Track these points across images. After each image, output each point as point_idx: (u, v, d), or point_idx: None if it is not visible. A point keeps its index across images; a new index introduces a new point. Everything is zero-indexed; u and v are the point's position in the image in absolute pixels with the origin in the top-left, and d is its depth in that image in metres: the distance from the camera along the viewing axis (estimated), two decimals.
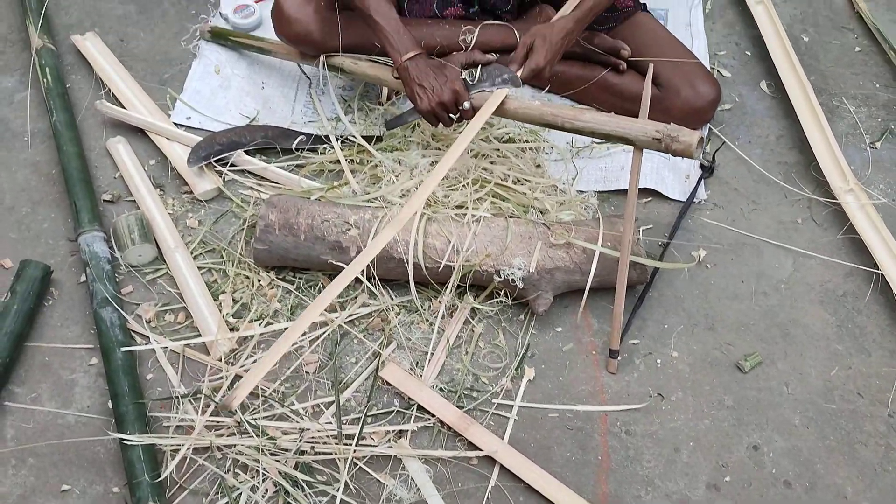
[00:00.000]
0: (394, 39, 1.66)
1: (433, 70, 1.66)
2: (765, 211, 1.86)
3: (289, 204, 1.66)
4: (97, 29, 2.13)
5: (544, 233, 1.63)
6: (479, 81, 1.68)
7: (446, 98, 1.64)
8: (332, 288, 1.38)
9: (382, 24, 1.66)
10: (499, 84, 1.66)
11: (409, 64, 1.65)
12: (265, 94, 2.03)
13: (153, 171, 1.87)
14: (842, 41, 2.19)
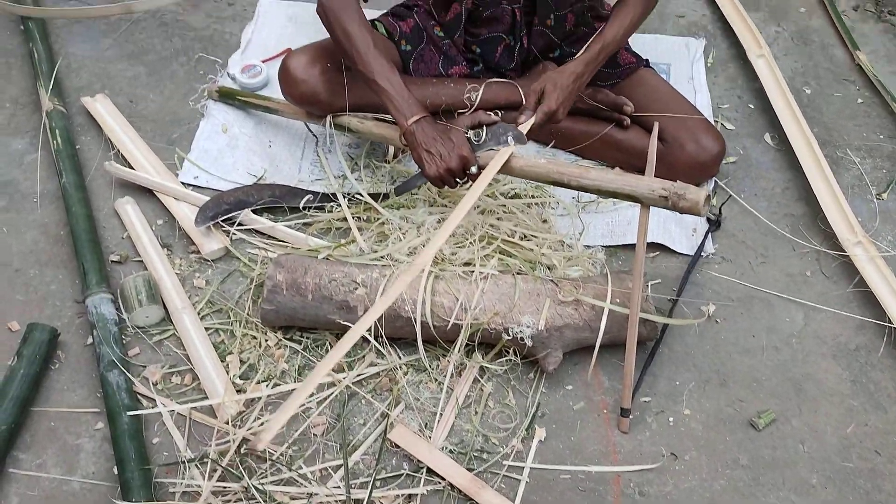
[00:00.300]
0: (398, 103, 1.67)
1: (439, 135, 1.67)
2: (773, 264, 1.85)
3: (296, 264, 1.66)
4: (107, 91, 2.16)
5: (552, 290, 1.62)
6: (484, 141, 1.69)
7: (454, 165, 1.65)
8: (344, 341, 1.37)
9: (386, 89, 1.67)
10: (504, 143, 1.67)
11: (414, 128, 1.66)
12: (272, 152, 2.05)
13: (161, 231, 1.87)
14: (844, 93, 2.21)
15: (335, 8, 1.71)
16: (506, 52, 2.00)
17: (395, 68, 1.71)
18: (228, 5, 2.44)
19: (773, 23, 2.39)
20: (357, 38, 1.68)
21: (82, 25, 2.35)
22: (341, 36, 1.70)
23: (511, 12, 1.97)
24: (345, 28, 1.69)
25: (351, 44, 1.69)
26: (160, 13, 2.40)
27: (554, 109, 1.74)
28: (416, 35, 2.01)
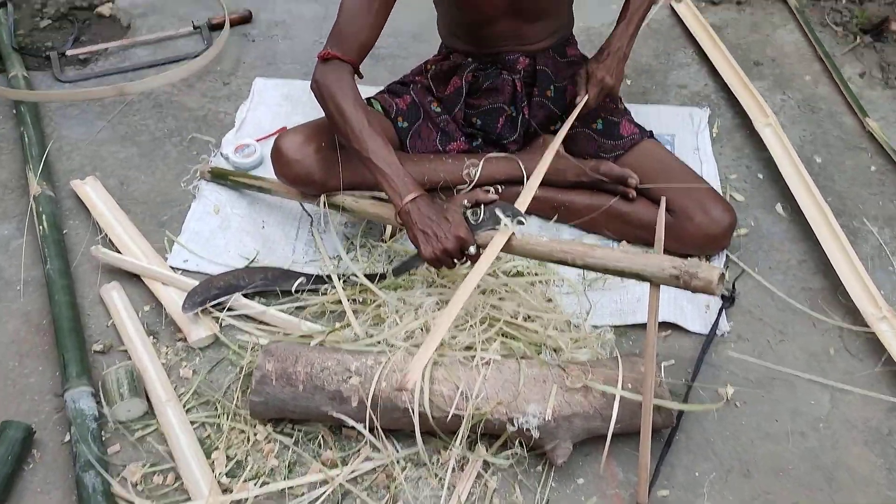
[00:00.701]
0: (394, 182, 1.61)
1: (435, 215, 1.60)
2: (793, 342, 1.74)
3: (287, 352, 1.57)
4: (98, 173, 2.11)
5: (559, 375, 1.52)
6: (482, 221, 1.61)
7: (451, 246, 1.57)
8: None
9: (381, 167, 1.61)
10: (505, 221, 1.59)
11: (410, 207, 1.59)
12: (265, 233, 1.98)
13: (147, 318, 1.79)
14: (856, 161, 2.14)
15: (329, 84, 1.66)
16: (508, 123, 1.95)
17: (391, 146, 1.65)
18: (224, 84, 2.42)
19: (778, 91, 2.34)
20: (351, 116, 1.63)
21: (76, 108, 2.33)
22: (335, 113, 1.65)
23: (511, 83, 1.93)
24: (339, 105, 1.64)
25: (345, 122, 1.63)
26: (154, 94, 2.37)
27: (602, 78, 1.85)
28: (412, 111, 1.96)
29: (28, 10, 2.75)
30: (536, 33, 1.91)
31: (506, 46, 1.91)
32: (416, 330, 1.63)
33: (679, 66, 2.44)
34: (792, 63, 2.44)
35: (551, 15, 1.90)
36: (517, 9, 1.82)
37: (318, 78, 1.68)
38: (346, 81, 1.66)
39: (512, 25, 1.87)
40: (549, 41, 1.95)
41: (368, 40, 1.70)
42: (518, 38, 1.90)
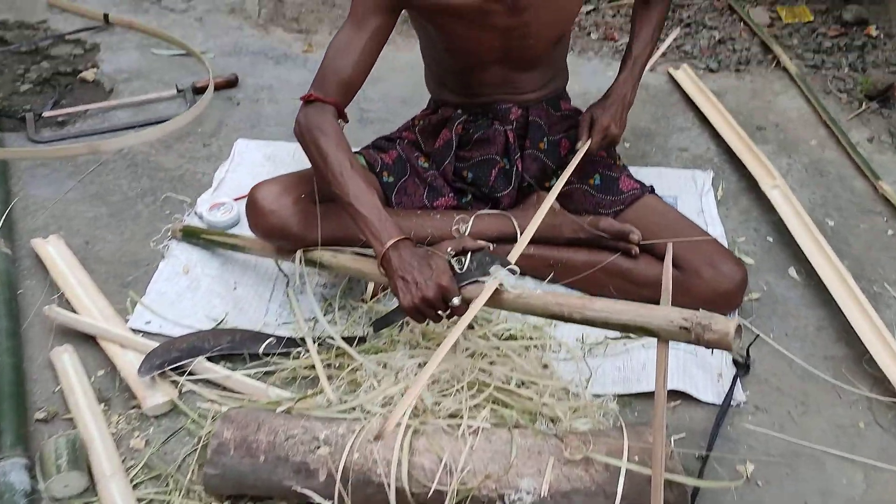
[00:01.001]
0: (374, 227, 1.47)
1: (418, 261, 1.45)
2: (818, 414, 1.57)
3: (248, 418, 1.39)
4: (62, 232, 1.98)
5: (557, 446, 1.33)
6: (468, 270, 1.46)
7: (431, 294, 1.42)
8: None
9: (363, 212, 1.48)
10: (491, 272, 1.44)
11: (391, 253, 1.44)
12: (237, 294, 1.82)
13: (100, 384, 1.62)
14: (871, 225, 2.01)
15: (311, 126, 1.55)
16: (501, 176, 1.83)
17: (374, 192, 1.52)
18: (204, 146, 2.31)
19: (783, 155, 2.23)
20: (332, 157, 1.51)
21: (47, 168, 2.21)
22: (316, 155, 1.53)
23: (503, 133, 1.82)
24: (320, 147, 1.52)
25: (326, 164, 1.51)
26: (130, 154, 2.26)
27: (608, 125, 1.77)
28: (399, 166, 1.84)
29: (9, 76, 2.68)
30: (529, 83, 1.82)
31: (497, 96, 1.82)
32: (396, 395, 1.45)
33: (679, 130, 2.35)
34: (796, 128, 2.35)
35: (544, 64, 1.81)
36: (510, 55, 1.73)
37: (301, 120, 1.57)
38: (328, 123, 1.55)
39: (504, 73, 1.78)
40: (542, 92, 1.86)
41: (353, 81, 1.59)
42: (510, 87, 1.81)
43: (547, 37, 1.71)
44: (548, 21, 1.67)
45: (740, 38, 2.77)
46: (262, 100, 2.53)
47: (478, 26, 1.65)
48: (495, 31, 1.66)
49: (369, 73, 1.63)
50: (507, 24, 1.64)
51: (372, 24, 1.59)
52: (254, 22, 2.99)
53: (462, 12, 1.62)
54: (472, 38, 1.68)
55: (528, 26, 1.66)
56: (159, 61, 2.75)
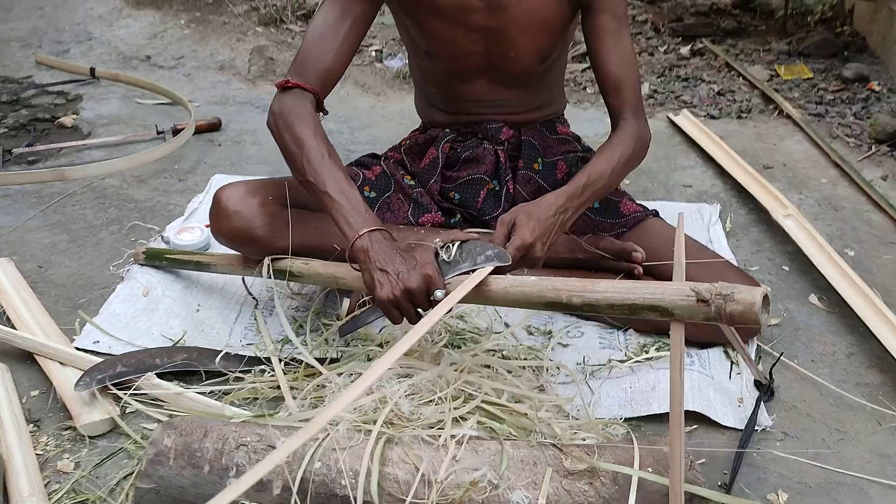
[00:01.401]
0: (351, 216, 1.29)
1: (400, 251, 1.28)
2: (857, 441, 1.36)
3: (194, 425, 1.19)
4: (15, 257, 1.81)
5: (555, 457, 1.13)
6: (455, 261, 1.29)
7: (414, 284, 1.23)
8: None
9: (338, 200, 1.31)
10: (481, 262, 1.27)
11: (368, 242, 1.27)
12: (199, 316, 1.64)
13: (32, 404, 1.42)
14: (895, 256, 1.85)
15: (286, 114, 1.40)
16: (490, 198, 1.68)
17: (353, 183, 1.36)
18: (179, 181, 2.18)
19: (793, 191, 2.10)
20: (309, 144, 1.36)
21: (8, 199, 2.08)
22: (290, 142, 1.38)
23: (494, 153, 1.69)
24: (296, 134, 1.37)
25: (302, 150, 1.35)
26: (100, 187, 2.13)
27: (528, 242, 1.32)
28: (382, 182, 1.70)
29: None
30: (519, 102, 1.69)
31: (486, 114, 1.69)
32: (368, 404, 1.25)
33: (682, 168, 2.23)
34: (805, 168, 2.23)
35: (533, 85, 1.69)
36: (493, 65, 1.61)
37: (275, 107, 1.43)
38: (306, 110, 1.41)
39: (490, 88, 1.66)
40: (535, 114, 1.73)
41: (334, 68, 1.47)
42: (499, 105, 1.68)
43: (529, 49, 1.59)
44: (527, 28, 1.56)
45: (740, 91, 2.71)
46: (245, 142, 2.43)
47: (457, 25, 1.54)
48: (475, 32, 1.56)
49: (350, 62, 1.51)
50: (486, 23, 1.54)
51: (355, 9, 1.48)
52: (242, 77, 2.94)
53: (440, 5, 1.52)
54: (452, 40, 1.57)
55: (507, 30, 1.55)
56: (142, 109, 2.67)
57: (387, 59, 3.06)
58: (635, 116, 1.53)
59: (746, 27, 3.29)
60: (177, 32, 3.33)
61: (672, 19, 3.37)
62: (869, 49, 2.97)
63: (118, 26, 3.41)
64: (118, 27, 3.40)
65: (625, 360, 1.51)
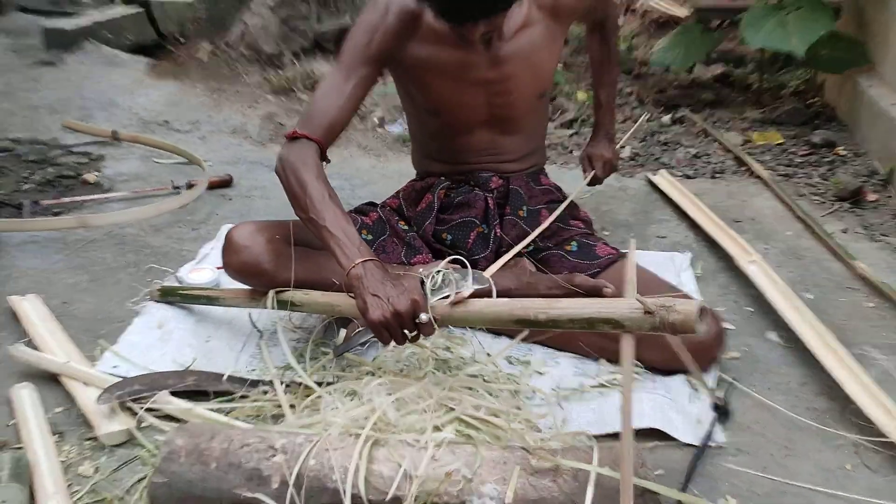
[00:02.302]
0: (347, 247, 1.47)
1: (390, 280, 1.45)
2: (803, 457, 1.49)
3: (203, 428, 1.34)
4: (42, 294, 1.98)
5: (524, 457, 1.27)
6: (439, 288, 1.46)
7: (402, 307, 1.40)
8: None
9: (336, 234, 1.48)
10: (461, 287, 1.44)
11: (361, 271, 1.44)
12: (209, 346, 1.80)
13: (57, 419, 1.57)
14: (850, 299, 2.00)
15: (293, 159, 1.59)
16: (480, 239, 1.86)
17: (350, 220, 1.54)
18: (192, 230, 2.37)
19: (759, 242, 2.27)
20: (312, 187, 1.54)
21: (36, 245, 2.26)
22: (295, 184, 1.56)
23: (484, 199, 1.87)
24: (300, 176, 1.56)
25: (304, 192, 1.53)
26: (119, 234, 2.31)
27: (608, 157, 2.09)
28: (378, 226, 1.89)
29: (14, 178, 2.79)
30: (511, 149, 1.89)
31: (481, 163, 1.88)
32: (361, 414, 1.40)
33: (658, 222, 2.40)
34: (771, 222, 2.40)
35: (526, 129, 1.89)
36: (494, 114, 1.81)
37: (283, 154, 1.62)
38: (310, 158, 1.60)
39: (490, 137, 1.86)
40: (522, 164, 1.93)
41: (337, 122, 1.66)
42: (493, 153, 1.88)
43: (528, 92, 1.80)
44: (527, 73, 1.76)
45: (715, 154, 2.91)
46: (255, 196, 2.62)
47: (462, 81, 1.75)
48: (479, 87, 1.76)
49: (352, 117, 1.71)
50: (488, 77, 1.75)
51: (359, 72, 1.68)
52: (253, 140, 3.15)
53: (445, 66, 1.72)
54: (457, 96, 1.77)
55: (509, 80, 1.76)
56: (160, 167, 2.87)
57: (388, 125, 3.28)
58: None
59: (724, 99, 3.51)
60: (194, 100, 3.58)
61: (656, 91, 3.61)
62: (837, 118, 3.18)
63: (140, 95, 3.66)
64: (139, 96, 3.65)
65: (596, 385, 1.66)
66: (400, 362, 1.67)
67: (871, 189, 2.57)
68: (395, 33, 1.71)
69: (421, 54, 1.74)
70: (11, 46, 4.62)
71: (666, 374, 1.68)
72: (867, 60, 3.02)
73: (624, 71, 3.92)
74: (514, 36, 1.74)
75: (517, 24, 1.74)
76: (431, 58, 1.73)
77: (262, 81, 3.74)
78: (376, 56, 1.70)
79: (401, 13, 1.71)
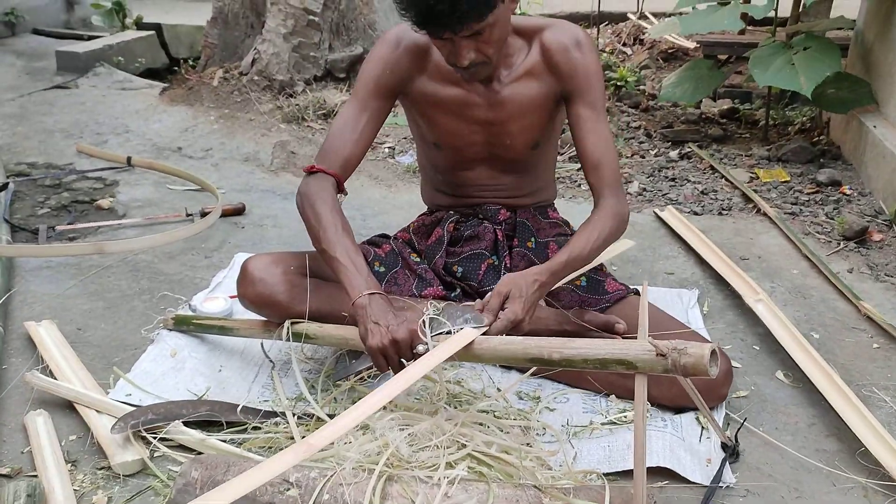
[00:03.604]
0: (355, 279, 1.52)
1: (393, 311, 1.49)
2: (812, 500, 1.50)
3: (218, 461, 1.35)
4: (57, 320, 2.00)
5: (536, 496, 1.28)
6: (440, 325, 1.49)
7: (400, 336, 1.45)
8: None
9: (346, 264, 1.54)
10: (460, 324, 1.46)
11: (367, 301, 1.49)
12: (221, 376, 1.81)
13: (70, 447, 1.58)
14: (856, 339, 2.02)
15: (310, 192, 1.66)
16: (490, 272, 1.88)
17: (361, 253, 1.58)
18: (205, 258, 2.39)
19: (766, 280, 2.29)
20: (326, 218, 1.60)
21: (50, 270, 2.28)
22: (311, 215, 1.62)
23: (493, 231, 1.90)
24: (315, 209, 1.61)
25: (319, 222, 1.60)
26: (133, 261, 2.34)
27: (521, 319, 1.52)
28: (391, 258, 1.91)
29: (30, 202, 2.83)
30: (515, 187, 1.92)
31: (486, 197, 1.92)
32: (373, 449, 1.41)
33: (665, 258, 2.43)
34: (778, 260, 2.43)
35: (527, 170, 1.92)
36: (493, 153, 1.85)
37: (302, 188, 1.68)
38: (327, 191, 1.65)
39: (490, 174, 1.89)
40: (529, 199, 1.96)
41: (353, 156, 1.72)
42: (497, 189, 1.91)
43: (522, 137, 1.83)
44: (520, 119, 1.79)
45: (722, 191, 2.94)
46: (267, 225, 2.65)
47: (462, 119, 1.79)
48: (478, 126, 1.80)
49: (368, 149, 1.76)
50: (487, 117, 1.79)
51: (372, 106, 1.74)
52: (265, 168, 3.19)
53: (447, 102, 1.77)
54: (457, 133, 1.82)
55: (504, 123, 1.79)
56: (173, 194, 2.91)
57: (398, 156, 3.32)
58: (613, 194, 1.74)
59: (731, 135, 3.55)
60: (206, 127, 3.62)
61: (663, 126, 3.65)
62: (843, 157, 3.22)
63: (153, 120, 3.71)
64: (153, 121, 3.70)
65: (605, 422, 1.67)
66: (411, 396, 1.69)
67: (877, 229, 2.60)
68: (405, 67, 1.77)
69: (427, 89, 1.80)
70: (25, 69, 4.69)
71: (675, 412, 1.69)
72: (872, 100, 3.06)
73: (632, 105, 3.97)
74: (514, 81, 1.78)
75: (518, 72, 1.77)
76: (436, 94, 1.79)
77: (274, 109, 3.79)
78: (388, 89, 1.77)
79: (410, 48, 1.76)
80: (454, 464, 1.40)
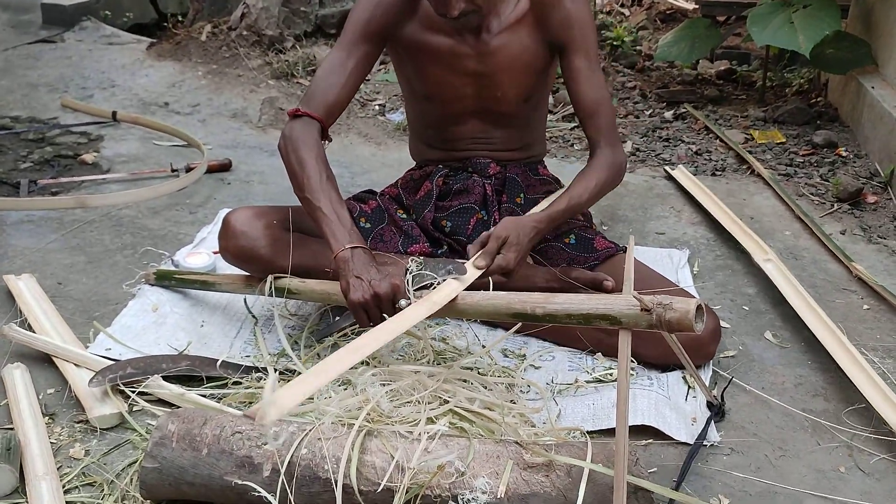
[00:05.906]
0: (338, 231, 1.49)
1: (376, 265, 1.46)
2: (796, 458, 1.49)
3: (195, 414, 1.33)
4: (37, 274, 1.97)
5: (517, 452, 1.26)
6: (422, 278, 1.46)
7: (383, 290, 1.42)
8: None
9: (329, 216, 1.51)
10: (442, 276, 1.44)
11: (349, 254, 1.46)
12: (203, 331, 1.79)
13: (48, 400, 1.56)
14: (846, 301, 2.00)
15: (295, 137, 1.62)
16: (480, 226, 1.85)
17: (345, 205, 1.54)
18: (190, 213, 2.36)
19: None
20: (310, 166, 1.56)
21: (32, 224, 2.24)
22: (294, 162, 1.58)
23: (482, 185, 1.87)
24: (299, 155, 1.58)
25: (303, 170, 1.56)
26: (117, 215, 2.30)
27: (511, 268, 1.55)
28: (376, 215, 1.88)
29: (12, 156, 2.78)
30: (505, 141, 1.88)
31: (477, 150, 1.88)
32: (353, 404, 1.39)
33: (657, 218, 2.40)
34: (771, 221, 2.40)
35: (518, 125, 1.88)
36: (483, 107, 1.81)
37: (286, 132, 1.65)
38: (311, 136, 1.62)
39: (481, 127, 1.86)
40: (519, 154, 1.92)
41: (338, 101, 1.69)
42: (487, 142, 1.88)
43: (514, 90, 1.79)
44: (511, 70, 1.75)
45: (716, 151, 2.90)
46: (253, 182, 2.61)
47: (452, 70, 1.75)
48: (467, 77, 1.76)
49: (354, 95, 1.73)
50: (477, 69, 1.74)
51: (360, 50, 1.70)
52: (253, 125, 3.14)
53: (436, 52, 1.73)
54: (447, 84, 1.77)
55: (494, 74, 1.75)
56: (159, 149, 2.86)
57: (388, 113, 3.27)
58: (609, 144, 1.72)
59: (728, 96, 3.50)
60: (194, 82, 3.55)
61: (659, 87, 3.59)
62: (840, 119, 3.17)
63: (140, 75, 3.64)
64: (140, 76, 3.63)
65: (591, 380, 1.65)
66: (395, 352, 1.67)
67: (871, 191, 2.57)
68: (395, 11, 1.73)
69: (416, 37, 1.76)
70: (10, 22, 4.59)
71: (661, 370, 1.68)
72: (871, 61, 3.01)
73: (627, 65, 3.91)
74: (503, 31, 1.74)
75: (509, 20, 1.73)
76: (425, 42, 1.75)
77: (263, 65, 3.72)
78: (376, 33, 1.73)
79: None
80: (435, 419, 1.38)
